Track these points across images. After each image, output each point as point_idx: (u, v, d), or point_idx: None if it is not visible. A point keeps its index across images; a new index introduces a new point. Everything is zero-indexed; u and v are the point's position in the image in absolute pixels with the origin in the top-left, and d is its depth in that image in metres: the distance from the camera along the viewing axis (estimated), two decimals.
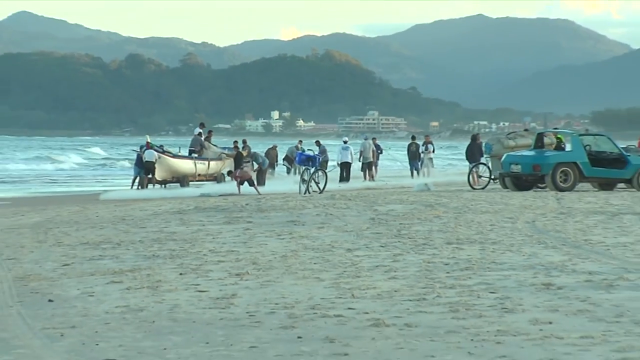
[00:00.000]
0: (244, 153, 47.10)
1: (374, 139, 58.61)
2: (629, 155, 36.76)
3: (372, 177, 53.00)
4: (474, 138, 49.55)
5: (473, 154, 45.62)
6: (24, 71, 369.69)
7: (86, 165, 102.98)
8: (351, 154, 52.34)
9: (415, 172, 53.61)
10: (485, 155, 42.82)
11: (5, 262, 17.77)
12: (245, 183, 42.35)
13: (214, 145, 51.48)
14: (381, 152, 56.65)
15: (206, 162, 48.88)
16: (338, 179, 49.78)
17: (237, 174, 43.34)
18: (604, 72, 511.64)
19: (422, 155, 54.51)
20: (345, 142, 54.55)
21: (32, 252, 19.26)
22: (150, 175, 46.72)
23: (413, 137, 58.65)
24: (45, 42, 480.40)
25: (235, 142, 51.16)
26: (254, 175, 43.28)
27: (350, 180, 50.55)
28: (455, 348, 10.00)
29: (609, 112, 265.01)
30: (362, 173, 53.44)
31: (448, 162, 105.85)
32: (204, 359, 9.86)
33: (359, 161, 53.77)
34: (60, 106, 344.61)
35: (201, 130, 52.42)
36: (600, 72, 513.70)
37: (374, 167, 54.26)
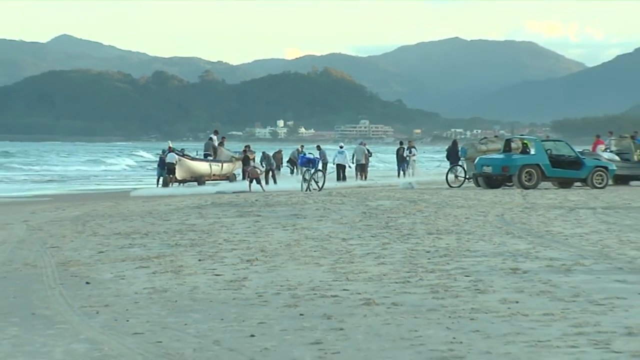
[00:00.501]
0: (250, 156, 47.32)
1: (364, 144, 58.50)
2: (584, 158, 36.82)
3: (364, 177, 52.90)
4: (455, 143, 49.56)
5: (453, 156, 45.62)
6: (65, 86, 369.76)
7: (136, 167, 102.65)
8: (346, 157, 52.36)
9: (401, 172, 53.50)
10: (461, 158, 42.81)
11: (49, 250, 17.78)
12: (254, 181, 42.46)
13: (227, 150, 51.40)
14: (371, 155, 56.47)
15: (220, 164, 48.88)
16: (336, 178, 49.74)
17: (248, 170, 43.55)
18: (563, 87, 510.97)
19: (407, 157, 54.44)
20: (341, 147, 54.50)
21: (72, 241, 19.26)
22: (171, 175, 46.75)
23: (401, 143, 58.59)
24: (83, 61, 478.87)
25: (248, 146, 51.44)
26: (262, 175, 43.42)
27: (346, 179, 50.46)
28: (435, 324, 10.04)
29: (567, 121, 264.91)
30: (355, 173, 53.39)
31: (438, 162, 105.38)
32: (219, 333, 9.90)
33: (353, 163, 53.73)
34: (96, 116, 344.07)
35: (215, 137, 52.38)
36: (559, 87, 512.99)
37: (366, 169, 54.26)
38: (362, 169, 53.67)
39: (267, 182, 44.93)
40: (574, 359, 8.41)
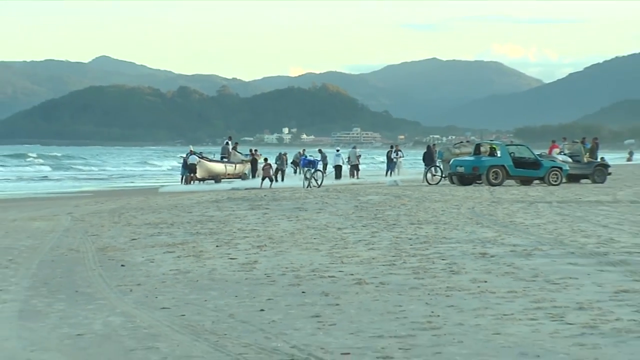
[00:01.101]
0: (257, 159, 47.72)
1: (356, 147, 58.60)
2: (542, 160, 36.88)
3: (357, 176, 52.91)
4: (429, 147, 49.58)
5: (428, 159, 45.65)
6: (104, 99, 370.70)
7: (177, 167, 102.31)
8: (342, 158, 52.44)
9: (390, 172, 53.46)
10: (437, 160, 42.85)
11: (90, 237, 17.78)
12: (266, 179, 42.64)
13: (239, 153, 51.44)
14: (359, 156, 56.42)
15: (233, 165, 48.94)
16: (334, 177, 49.78)
17: (263, 168, 43.78)
18: (524, 100, 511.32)
19: (394, 159, 54.46)
20: (337, 151, 54.75)
21: (109, 230, 19.27)
22: (193, 174, 46.84)
23: (391, 146, 58.51)
24: (119, 78, 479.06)
25: (256, 150, 51.90)
26: (275, 175, 43.65)
27: (342, 178, 50.52)
28: (416, 300, 10.05)
29: (527, 128, 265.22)
30: (350, 173, 53.46)
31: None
32: (233, 308, 9.89)
33: (347, 164, 53.82)
34: (130, 125, 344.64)
35: (229, 142, 52.48)
36: (521, 100, 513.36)
37: (358, 169, 54.34)
38: (355, 168, 53.81)
39: (276, 180, 44.94)
40: (533, 330, 8.41)
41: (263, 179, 42.67)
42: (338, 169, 51.16)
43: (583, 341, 7.93)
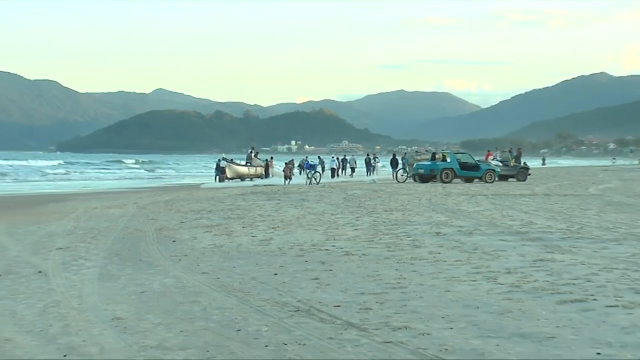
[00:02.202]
0: (271, 165, 48.02)
1: (353, 155, 58.66)
2: (480, 164, 36.92)
3: (352, 175, 52.71)
4: (394, 155, 49.73)
5: (393, 163, 45.82)
6: (160, 120, 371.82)
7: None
8: (336, 163, 52.40)
9: (369, 173, 53.29)
10: (405, 164, 42.83)
11: (150, 220, 17.76)
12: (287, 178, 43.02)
13: (258, 159, 51.32)
14: (356, 162, 56.24)
15: (254, 168, 48.87)
16: (330, 176, 49.67)
17: (284, 170, 44.36)
18: (467, 120, 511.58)
19: (372, 163, 54.39)
20: (333, 157, 54.66)
21: (164, 215, 19.25)
22: (224, 175, 46.88)
23: (368, 154, 58.40)
24: (171, 104, 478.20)
25: (272, 158, 51.96)
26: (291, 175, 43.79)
27: (335, 177, 50.48)
28: (389, 267, 10.04)
29: (469, 141, 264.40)
30: (350, 173, 53.29)
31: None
32: (255, 272, 9.89)
33: (348, 166, 53.92)
34: (179, 138, 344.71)
35: (252, 151, 52.50)
36: (465, 120, 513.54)
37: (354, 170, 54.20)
38: (352, 170, 53.71)
39: (287, 180, 44.91)
40: (474, 288, 8.40)
41: (285, 178, 43.13)
42: (332, 171, 51.09)
43: (510, 296, 7.95)
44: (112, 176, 67.58)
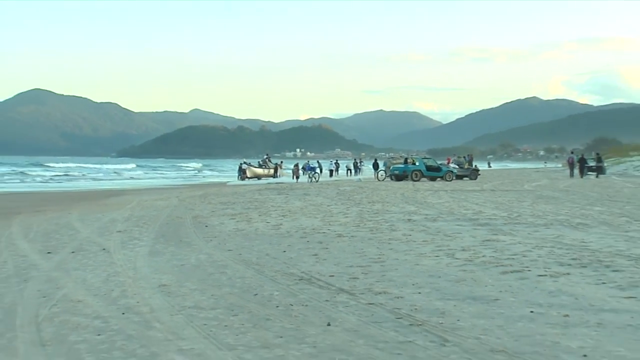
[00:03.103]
0: (280, 167, 47.96)
1: (337, 160, 58.33)
2: (442, 167, 36.96)
3: (350, 175, 52.40)
4: (375, 160, 49.71)
5: (375, 166, 45.78)
6: (196, 133, 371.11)
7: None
8: (332, 165, 52.36)
9: (356, 174, 53.19)
10: (382, 166, 42.84)
11: (188, 210, 17.71)
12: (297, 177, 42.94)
13: (270, 162, 51.19)
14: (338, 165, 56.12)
15: (268, 169, 48.76)
16: (329, 175, 49.56)
17: (293, 170, 44.01)
18: (432, 133, 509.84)
19: (359, 166, 54.31)
20: (331, 161, 54.65)
21: (199, 206, 19.20)
22: (244, 175, 46.82)
23: (355, 159, 58.33)
24: (205, 121, 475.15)
25: (282, 162, 51.91)
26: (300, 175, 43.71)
27: (332, 176, 50.38)
28: (371, 246, 10.00)
29: (434, 149, 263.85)
30: (346, 173, 53.10)
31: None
32: (268, 250, 9.85)
33: (346, 168, 53.75)
34: (210, 147, 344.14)
35: (266, 156, 52.44)
36: (430, 133, 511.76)
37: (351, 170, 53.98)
38: (347, 171, 53.47)
39: (295, 177, 44.65)
40: (437, 262, 8.38)
41: (295, 177, 43.18)
42: (330, 172, 51.02)
43: (464, 268, 7.94)
44: (168, 175, 67.28)
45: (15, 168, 70.87)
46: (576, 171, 40.58)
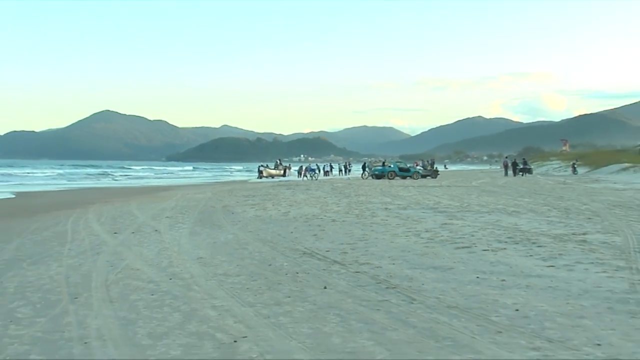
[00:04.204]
0: (288, 169, 47.65)
1: (332, 164, 57.98)
2: (411, 168, 36.89)
3: (343, 174, 52.03)
4: (364, 164, 49.38)
5: (363, 168, 45.61)
6: (225, 144, 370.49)
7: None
8: (330, 167, 52.04)
9: (346, 174, 52.84)
10: (367, 168, 42.76)
11: (219, 201, 17.60)
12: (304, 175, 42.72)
13: (281, 165, 50.95)
14: (332, 166, 55.74)
15: (280, 170, 48.50)
16: (323, 175, 49.26)
17: (299, 171, 43.66)
18: (403, 143, 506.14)
19: (348, 168, 53.99)
20: (325, 165, 54.18)
21: (227, 198, 19.10)
22: (262, 174, 46.60)
23: (345, 162, 58.05)
24: (231, 134, 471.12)
25: (290, 165, 51.61)
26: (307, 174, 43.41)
27: (327, 176, 50.07)
28: (357, 228, 9.91)
29: (405, 155, 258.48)
30: (339, 172, 52.86)
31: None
32: (280, 231, 9.78)
33: (333, 171, 53.37)
34: (235, 154, 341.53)
35: (278, 161, 52.29)
36: (402, 143, 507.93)
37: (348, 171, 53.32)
38: (340, 170, 52.76)
39: (299, 176, 44.52)
40: (407, 241, 8.35)
41: (300, 175, 42.98)
42: (326, 173, 50.61)
43: (427, 245, 7.91)
44: (215, 175, 65.17)
45: (103, 169, 70.35)
46: (510, 172, 40.54)
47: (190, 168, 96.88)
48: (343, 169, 53.82)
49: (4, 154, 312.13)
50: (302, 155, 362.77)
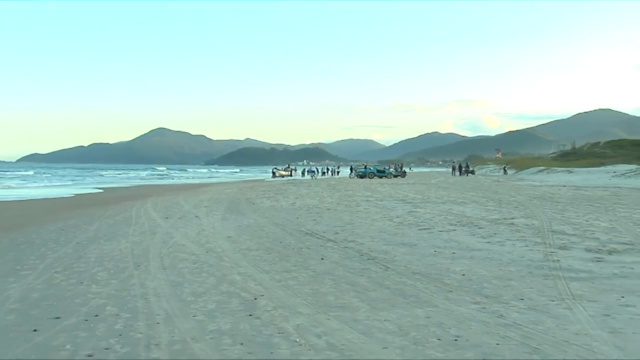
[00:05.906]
0: (294, 170, 47.02)
1: (327, 166, 57.36)
2: (386, 169, 36.80)
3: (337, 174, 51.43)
4: (351, 167, 49.04)
5: (351, 170, 45.29)
6: (247, 152, 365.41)
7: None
8: (327, 169, 51.57)
9: (336, 174, 52.39)
10: (354, 170, 42.55)
11: (243, 194, 17.43)
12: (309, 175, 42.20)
13: (289, 167, 50.55)
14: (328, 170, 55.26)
15: (289, 171, 48.12)
16: (320, 175, 48.84)
17: (302, 172, 43.50)
18: (380, 151, 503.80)
19: (338, 171, 53.62)
20: (321, 167, 53.71)
21: (249, 192, 18.94)
22: (275, 174, 46.24)
23: (337, 166, 57.62)
24: (252, 144, 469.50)
25: (295, 168, 51.01)
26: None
27: (324, 176, 49.58)
28: (346, 215, 9.81)
29: (381, 160, 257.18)
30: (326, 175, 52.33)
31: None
32: (288, 217, 9.68)
33: (329, 172, 52.84)
34: (255, 160, 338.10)
35: (288, 165, 51.95)
36: (379, 151, 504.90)
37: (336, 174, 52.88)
38: (333, 172, 52.24)
39: (303, 175, 44.15)
40: (383, 224, 8.32)
41: (303, 174, 42.59)
42: (322, 173, 50.15)
43: (398, 227, 7.87)
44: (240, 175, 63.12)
45: (160, 170, 70.89)
46: (457, 173, 40.57)
47: (238, 170, 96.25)
48: (335, 171, 53.60)
49: (89, 159, 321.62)
50: (305, 161, 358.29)
